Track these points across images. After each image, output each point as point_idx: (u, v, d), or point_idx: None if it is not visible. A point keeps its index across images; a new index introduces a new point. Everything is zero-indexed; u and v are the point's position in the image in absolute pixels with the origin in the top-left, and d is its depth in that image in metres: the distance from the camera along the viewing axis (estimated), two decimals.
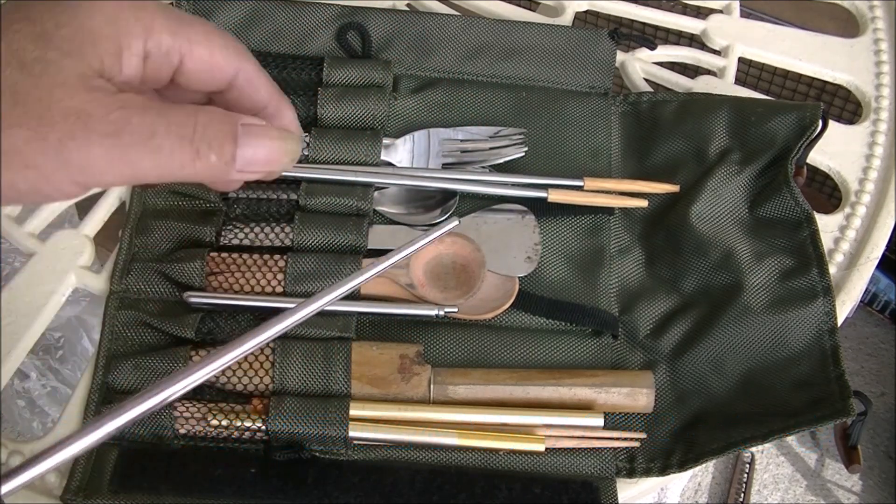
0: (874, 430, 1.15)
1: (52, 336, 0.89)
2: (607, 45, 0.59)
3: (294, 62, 0.57)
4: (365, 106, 0.55)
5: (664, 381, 0.49)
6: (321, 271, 0.48)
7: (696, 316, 0.50)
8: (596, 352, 0.49)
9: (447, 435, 0.44)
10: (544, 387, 0.46)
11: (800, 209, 0.52)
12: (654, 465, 0.46)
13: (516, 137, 0.55)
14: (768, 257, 0.51)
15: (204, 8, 0.59)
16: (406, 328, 0.49)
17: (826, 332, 0.49)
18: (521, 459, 0.45)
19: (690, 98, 0.58)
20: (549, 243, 0.52)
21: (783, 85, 1.00)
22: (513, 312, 0.50)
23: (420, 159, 0.55)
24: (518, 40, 0.59)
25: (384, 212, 0.53)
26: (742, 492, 1.11)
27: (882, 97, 0.61)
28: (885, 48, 0.63)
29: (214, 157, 0.31)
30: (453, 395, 0.46)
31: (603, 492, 0.44)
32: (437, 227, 0.41)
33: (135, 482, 0.43)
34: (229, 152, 0.31)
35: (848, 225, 0.56)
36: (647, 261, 0.53)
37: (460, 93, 0.57)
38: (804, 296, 0.50)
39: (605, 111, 0.57)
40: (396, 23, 0.59)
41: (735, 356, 0.49)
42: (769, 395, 0.47)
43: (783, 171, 0.53)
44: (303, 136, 0.40)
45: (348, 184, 0.52)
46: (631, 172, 0.56)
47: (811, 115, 0.54)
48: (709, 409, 0.47)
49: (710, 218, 0.53)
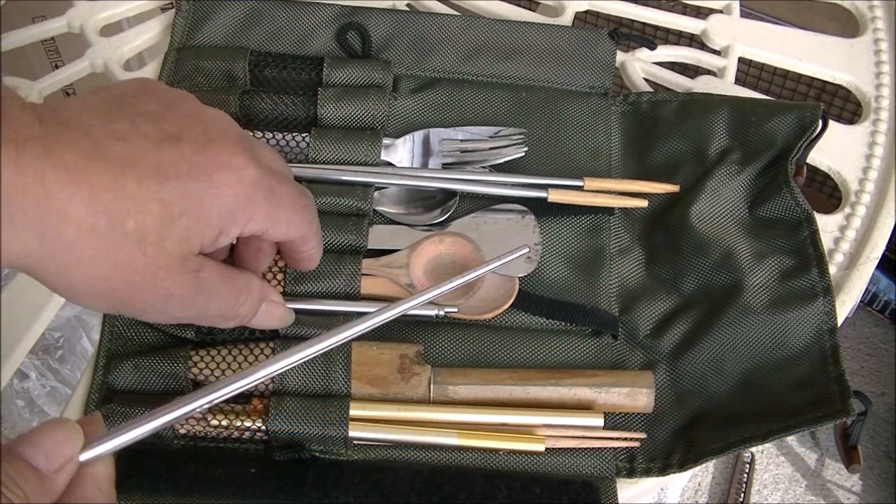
0: (874, 429, 1.15)
1: (51, 336, 0.89)
2: (607, 45, 0.59)
3: (294, 62, 0.57)
4: (365, 106, 0.55)
5: (664, 381, 0.49)
6: (321, 271, 0.48)
7: (696, 316, 0.50)
8: (596, 352, 0.49)
9: (447, 435, 0.44)
10: (544, 387, 0.46)
11: (800, 209, 0.52)
12: (654, 465, 0.46)
13: (516, 137, 0.55)
14: (768, 257, 0.51)
15: (204, 8, 0.59)
16: (406, 328, 0.48)
17: (826, 331, 0.49)
18: (521, 459, 0.45)
19: (690, 98, 0.58)
20: (549, 243, 0.52)
21: (783, 85, 1.00)
22: (512, 312, 0.50)
23: (420, 159, 0.55)
24: (518, 40, 0.59)
25: (384, 212, 0.53)
26: (742, 492, 1.11)
27: (882, 97, 0.61)
28: (885, 48, 0.63)
29: (240, 319, 0.41)
30: (453, 395, 0.46)
31: (603, 492, 0.44)
32: (508, 253, 0.46)
33: (135, 482, 0.43)
34: (249, 317, 0.42)
35: (848, 225, 0.56)
36: (646, 261, 0.53)
37: (460, 93, 0.57)
38: (804, 296, 0.50)
39: (605, 111, 0.57)
40: (396, 23, 0.59)
41: (735, 356, 0.48)
42: (769, 394, 0.47)
43: (783, 171, 0.53)
44: (315, 265, 0.45)
45: (348, 184, 0.52)
46: (631, 172, 0.56)
47: (811, 115, 0.54)
48: (709, 408, 0.47)
49: (710, 218, 0.53)
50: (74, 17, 0.62)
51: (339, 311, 0.48)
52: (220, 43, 0.58)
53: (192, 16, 0.59)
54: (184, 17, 0.59)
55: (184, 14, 0.59)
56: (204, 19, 0.59)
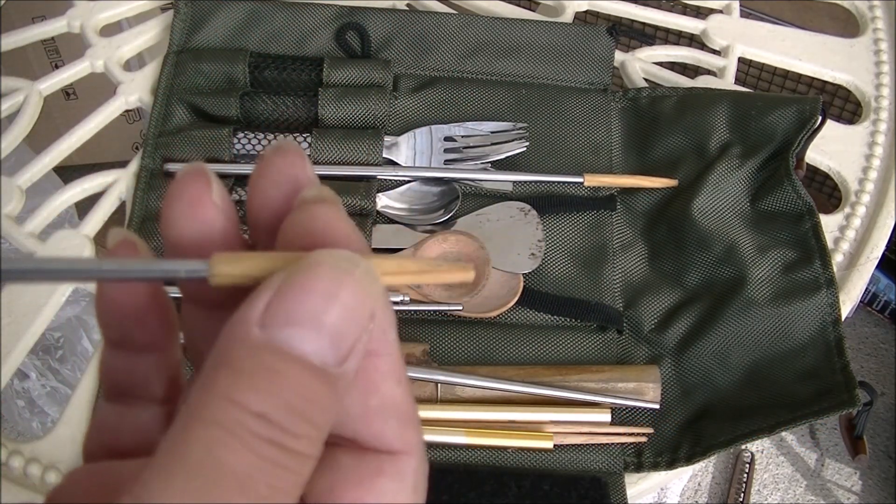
0: (874, 429, 1.15)
1: (51, 336, 0.88)
2: (606, 41, 0.59)
3: (294, 63, 0.57)
4: (366, 106, 0.54)
5: (670, 375, 0.49)
6: None
7: (700, 310, 0.50)
8: (601, 347, 0.49)
9: (455, 433, 0.44)
10: (551, 383, 0.46)
11: (801, 202, 0.52)
12: (661, 459, 0.46)
13: (517, 133, 0.56)
14: (771, 250, 0.51)
15: (202, 10, 0.59)
16: (412, 327, 0.48)
17: (830, 323, 0.49)
18: (530, 456, 0.45)
19: (690, 93, 0.58)
20: (552, 240, 0.52)
21: (783, 85, 1.00)
22: (518, 309, 0.50)
23: (422, 156, 0.55)
24: (516, 38, 0.59)
25: (387, 212, 0.52)
26: (742, 492, 1.11)
27: (882, 97, 0.61)
28: (885, 48, 0.64)
29: None
30: (461, 394, 0.46)
31: (612, 487, 0.44)
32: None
33: None
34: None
35: (848, 225, 0.56)
36: (650, 256, 0.53)
37: (460, 91, 0.57)
38: (807, 288, 0.50)
39: (604, 107, 0.57)
40: (395, 22, 0.59)
41: (740, 349, 0.48)
42: (774, 387, 0.47)
43: (784, 164, 0.53)
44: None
45: (351, 179, 0.52)
46: (632, 168, 0.56)
47: (811, 108, 0.54)
48: (715, 402, 0.47)
49: (711, 212, 0.53)
50: (74, 17, 0.62)
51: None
52: (219, 45, 0.58)
53: (190, 18, 0.59)
54: (182, 19, 0.59)
55: (182, 16, 0.59)
56: (202, 21, 0.59)
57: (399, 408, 0.20)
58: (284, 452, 0.17)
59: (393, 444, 0.20)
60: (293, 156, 0.21)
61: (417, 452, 0.21)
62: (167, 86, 0.56)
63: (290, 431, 0.17)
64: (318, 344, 0.18)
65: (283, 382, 0.17)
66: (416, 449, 0.21)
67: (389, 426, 0.20)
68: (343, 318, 0.18)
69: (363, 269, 0.18)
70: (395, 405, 0.20)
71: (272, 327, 0.17)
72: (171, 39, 0.58)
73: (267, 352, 0.17)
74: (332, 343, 0.18)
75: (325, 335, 0.18)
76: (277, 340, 0.17)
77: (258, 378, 0.17)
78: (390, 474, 0.20)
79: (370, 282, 0.19)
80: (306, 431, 0.17)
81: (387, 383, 0.20)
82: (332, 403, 0.18)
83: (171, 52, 0.58)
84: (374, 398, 0.20)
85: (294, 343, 0.17)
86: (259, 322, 0.18)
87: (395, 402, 0.20)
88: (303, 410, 0.17)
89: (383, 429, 0.20)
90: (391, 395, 0.20)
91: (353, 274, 0.18)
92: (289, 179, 0.21)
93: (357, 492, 0.20)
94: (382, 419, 0.20)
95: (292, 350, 0.17)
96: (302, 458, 0.18)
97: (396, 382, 0.20)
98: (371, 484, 0.20)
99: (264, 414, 0.17)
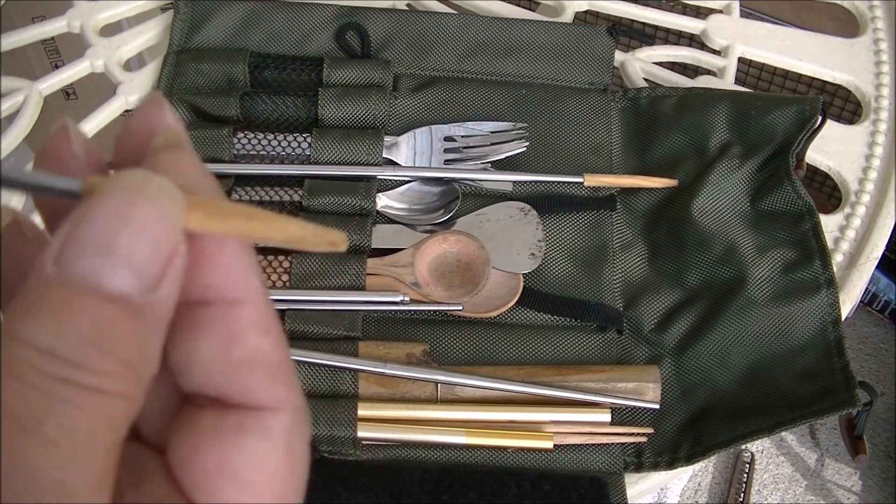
0: (874, 429, 1.15)
1: None
2: (605, 41, 0.59)
3: (293, 63, 0.57)
4: (366, 106, 0.54)
5: (670, 375, 0.49)
6: (325, 271, 0.48)
7: (700, 310, 0.50)
8: (601, 347, 0.49)
9: (455, 433, 0.44)
10: (551, 383, 0.46)
11: (801, 202, 0.53)
12: (661, 458, 0.46)
13: (517, 133, 0.56)
14: (771, 250, 0.51)
15: (202, 10, 0.59)
16: (412, 327, 0.48)
17: (830, 323, 0.49)
18: (530, 456, 0.45)
19: (690, 93, 0.58)
20: (552, 240, 0.52)
21: (783, 85, 1.00)
22: (518, 309, 0.50)
23: (422, 156, 0.55)
24: (516, 38, 0.59)
25: (387, 212, 0.52)
26: (742, 492, 1.11)
27: (882, 97, 0.61)
28: (885, 48, 0.64)
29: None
30: (461, 394, 0.46)
31: (612, 486, 0.44)
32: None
33: None
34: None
35: (848, 225, 0.56)
36: (649, 255, 0.53)
37: (460, 91, 0.57)
38: (807, 287, 0.50)
39: (604, 107, 0.58)
40: (395, 22, 0.59)
41: (740, 349, 0.49)
42: (774, 387, 0.47)
43: (784, 164, 0.53)
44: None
45: (350, 178, 0.52)
46: (632, 168, 0.56)
47: (811, 108, 0.54)
48: (715, 402, 0.47)
49: (711, 212, 0.53)
50: (74, 17, 0.62)
51: (342, 309, 0.48)
52: (218, 45, 0.58)
53: (190, 18, 0.59)
54: (182, 19, 0.59)
55: (182, 16, 0.59)
56: (202, 21, 0.59)
57: (267, 360, 0.19)
58: (78, 389, 0.16)
59: (262, 400, 0.19)
60: (151, 105, 0.20)
61: (290, 409, 0.19)
62: (167, 86, 0.56)
63: (84, 366, 0.16)
64: (114, 272, 0.16)
65: (74, 315, 0.16)
66: (288, 405, 0.19)
67: (256, 380, 0.19)
68: (140, 241, 0.17)
69: (156, 186, 0.17)
70: (262, 357, 0.19)
71: (65, 261, 0.16)
72: (170, 39, 0.58)
73: (56, 285, 0.16)
74: (130, 270, 0.17)
75: (120, 261, 0.16)
76: (69, 273, 0.16)
77: (45, 313, 0.16)
78: (256, 432, 0.18)
79: (169, 200, 0.17)
80: (106, 366, 0.16)
81: (251, 334, 0.19)
82: (139, 335, 0.17)
83: (170, 52, 0.58)
84: (237, 350, 0.18)
85: (87, 273, 0.16)
86: (55, 258, 0.16)
87: (262, 354, 0.19)
88: (99, 343, 0.16)
89: (249, 383, 0.18)
90: (257, 345, 0.19)
91: (145, 192, 0.17)
92: (144, 129, 0.20)
93: (217, 452, 0.18)
94: (247, 372, 0.18)
95: (85, 281, 0.16)
96: (103, 396, 0.16)
97: (264, 333, 0.19)
98: (233, 443, 0.18)
99: (51, 349, 0.16)
